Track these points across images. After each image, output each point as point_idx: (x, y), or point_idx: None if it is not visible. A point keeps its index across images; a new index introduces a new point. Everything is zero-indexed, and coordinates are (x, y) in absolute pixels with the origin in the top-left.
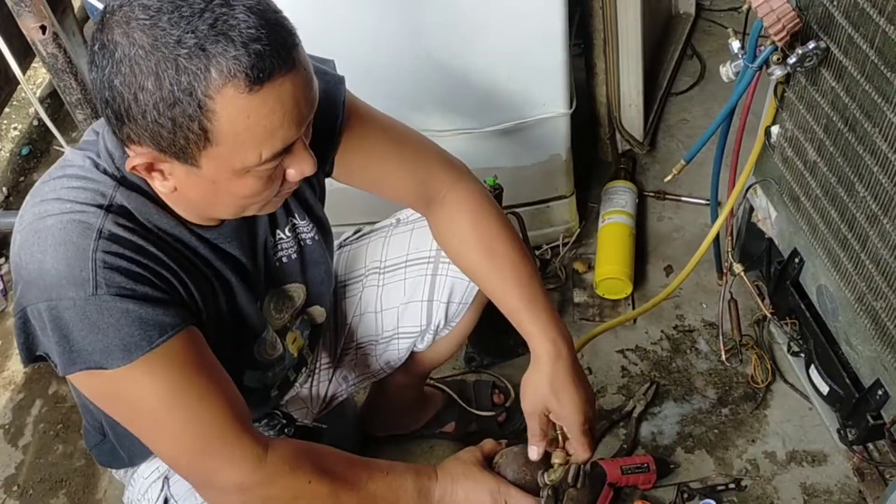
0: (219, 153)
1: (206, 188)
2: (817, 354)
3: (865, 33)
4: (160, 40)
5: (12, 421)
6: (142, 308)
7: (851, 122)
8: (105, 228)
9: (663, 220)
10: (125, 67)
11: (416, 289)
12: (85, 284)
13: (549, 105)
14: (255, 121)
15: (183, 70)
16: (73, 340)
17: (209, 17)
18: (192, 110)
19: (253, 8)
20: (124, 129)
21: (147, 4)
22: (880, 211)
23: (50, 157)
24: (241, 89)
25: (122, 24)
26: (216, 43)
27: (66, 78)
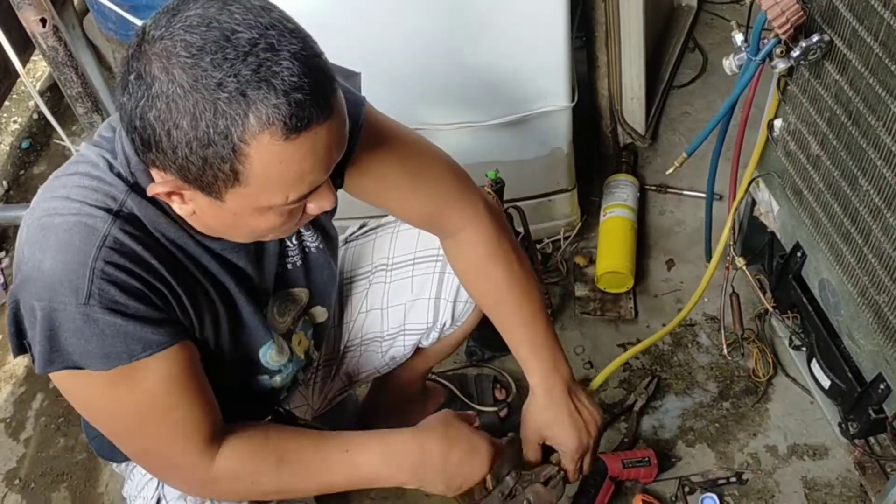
0: (246, 192)
1: (226, 218)
2: (819, 348)
3: (870, 26)
4: (200, 81)
5: (13, 414)
6: (129, 324)
7: (855, 116)
8: (111, 235)
9: (665, 213)
10: (161, 103)
11: (423, 286)
12: (79, 292)
13: (550, 98)
14: (287, 167)
15: (221, 114)
16: (57, 341)
17: (253, 62)
18: (226, 153)
19: (297, 54)
20: (150, 155)
21: (190, 42)
22: (884, 205)
23: (50, 150)
24: (278, 137)
25: (161, 58)
26: (258, 89)
27: (66, 71)
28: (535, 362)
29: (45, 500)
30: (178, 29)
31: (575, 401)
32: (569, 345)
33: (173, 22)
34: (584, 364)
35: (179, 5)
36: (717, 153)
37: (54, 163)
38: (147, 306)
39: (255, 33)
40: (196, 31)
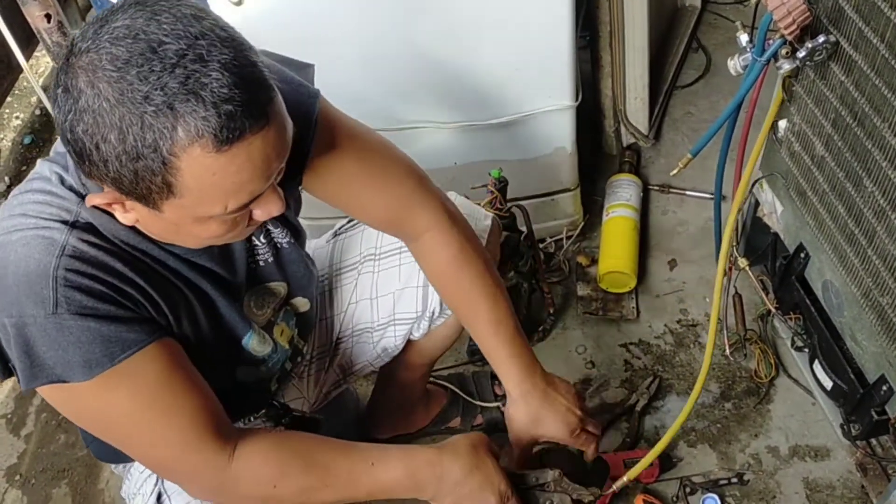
0: (181, 203)
1: (168, 227)
2: (821, 349)
3: (876, 27)
4: (126, 95)
5: (14, 410)
6: (103, 326)
7: (860, 117)
8: (69, 244)
9: (667, 213)
10: (88, 117)
11: (411, 275)
12: (45, 303)
13: (554, 98)
14: (221, 178)
15: (148, 127)
16: (35, 356)
17: (180, 74)
18: (156, 166)
19: (228, 64)
20: (84, 167)
21: (116, 55)
22: (888, 206)
23: (52, 145)
24: (209, 149)
25: (87, 72)
26: (185, 102)
27: None
28: (508, 368)
29: (46, 497)
30: (105, 41)
31: (552, 393)
32: (571, 344)
33: (100, 34)
34: (586, 364)
35: (108, 16)
36: (724, 154)
37: None
38: (117, 307)
39: (184, 44)
40: (122, 44)
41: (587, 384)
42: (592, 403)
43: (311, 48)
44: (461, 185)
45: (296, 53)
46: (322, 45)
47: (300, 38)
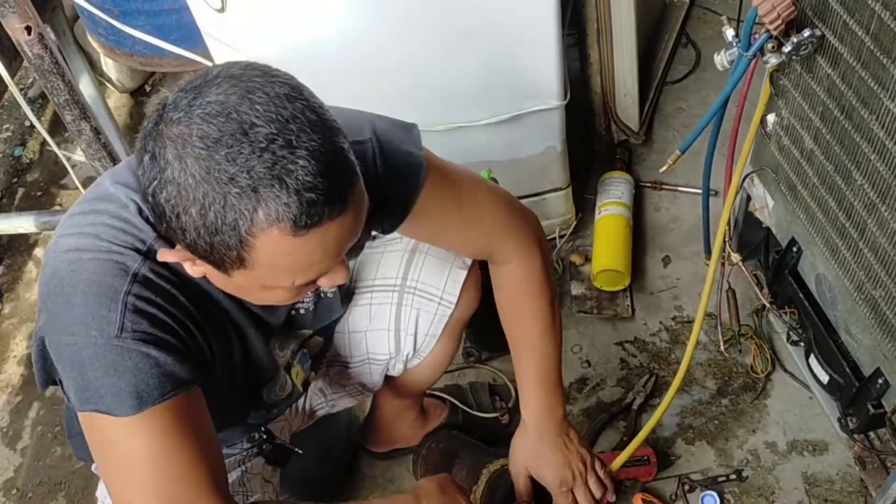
0: (251, 274)
1: (234, 288)
2: (817, 343)
3: (861, 19)
4: (213, 174)
5: (10, 424)
6: (161, 355)
7: (848, 110)
8: (140, 273)
9: (660, 210)
10: (172, 188)
11: (381, 316)
12: (110, 325)
13: (543, 97)
14: (294, 259)
15: (230, 207)
16: (88, 380)
17: (268, 159)
18: (233, 242)
19: (315, 151)
20: (161, 228)
21: (206, 133)
22: (878, 199)
23: (43, 158)
24: (286, 233)
25: (176, 145)
26: (270, 187)
27: (52, 79)
28: (535, 400)
29: None
30: (197, 117)
31: (565, 440)
32: (566, 344)
33: (193, 107)
34: (582, 363)
35: (202, 86)
36: (711, 149)
37: (47, 170)
38: (177, 340)
39: (274, 128)
40: (214, 122)
41: (583, 384)
42: (589, 403)
43: (295, 53)
44: None
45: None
46: (307, 49)
47: (284, 45)
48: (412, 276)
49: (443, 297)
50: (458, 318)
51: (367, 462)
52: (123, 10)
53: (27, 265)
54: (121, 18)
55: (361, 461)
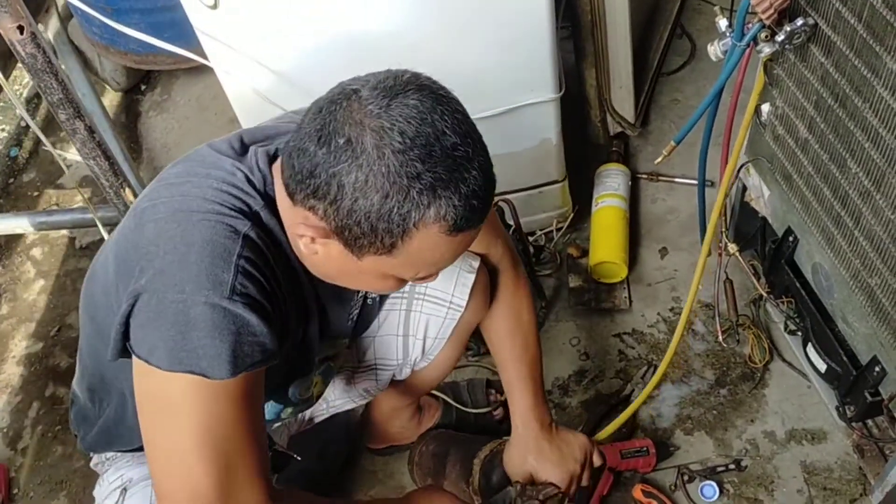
0: (387, 261)
1: (349, 270)
2: (814, 332)
3: (853, 7)
4: (405, 168)
5: (10, 424)
6: (260, 324)
7: (842, 98)
8: (250, 236)
9: (657, 201)
10: (361, 174)
11: (390, 323)
12: (223, 286)
13: (537, 90)
14: (435, 254)
15: (410, 200)
16: (190, 339)
17: (451, 165)
18: (397, 231)
19: (483, 166)
20: (311, 201)
21: (405, 131)
22: (873, 187)
23: (39, 158)
24: (445, 231)
25: (377, 135)
26: (447, 188)
27: (46, 78)
28: (528, 404)
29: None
30: (397, 115)
31: (557, 435)
32: (564, 336)
33: (392, 105)
34: (580, 355)
35: (398, 88)
36: (706, 140)
37: (43, 170)
38: (273, 309)
39: (459, 139)
40: (413, 123)
41: (582, 376)
42: (587, 395)
43: (287, 51)
44: None
45: (273, 56)
46: (299, 46)
47: (277, 41)
48: None
49: (452, 301)
50: (466, 322)
51: (366, 457)
52: (117, 9)
53: (24, 265)
54: (114, 17)
55: (360, 456)
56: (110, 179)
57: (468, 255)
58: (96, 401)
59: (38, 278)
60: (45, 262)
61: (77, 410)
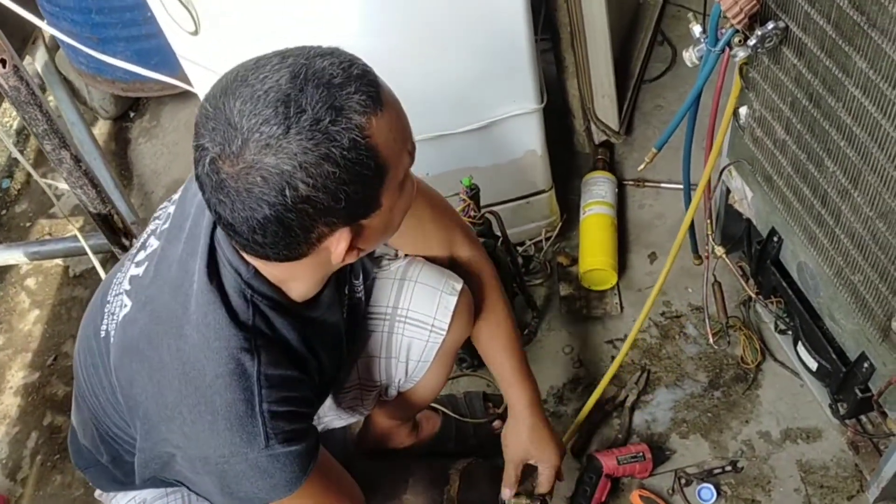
0: (390, 178)
1: (385, 221)
2: (803, 331)
3: (821, 9)
4: (304, 132)
5: (9, 455)
6: (302, 444)
7: (816, 99)
8: (262, 374)
9: (644, 207)
10: (301, 174)
11: (373, 345)
12: (257, 439)
13: (519, 102)
14: (395, 130)
15: (338, 134)
16: (242, 486)
17: (310, 86)
18: (365, 158)
19: (317, 52)
20: (314, 232)
21: (267, 120)
22: (850, 185)
23: (30, 189)
24: (377, 113)
25: (264, 150)
26: (335, 97)
27: (30, 110)
28: (521, 391)
29: None
30: (246, 125)
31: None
32: (557, 345)
33: (237, 127)
34: (574, 363)
35: (217, 108)
36: (688, 145)
37: (35, 201)
38: (307, 418)
39: (286, 74)
40: (260, 115)
41: (576, 383)
42: (582, 402)
43: None
44: None
45: None
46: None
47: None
48: (403, 305)
49: (434, 324)
50: (450, 343)
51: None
52: (102, 38)
53: (19, 296)
54: (100, 46)
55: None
56: (98, 207)
57: (450, 276)
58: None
59: (32, 308)
60: (40, 292)
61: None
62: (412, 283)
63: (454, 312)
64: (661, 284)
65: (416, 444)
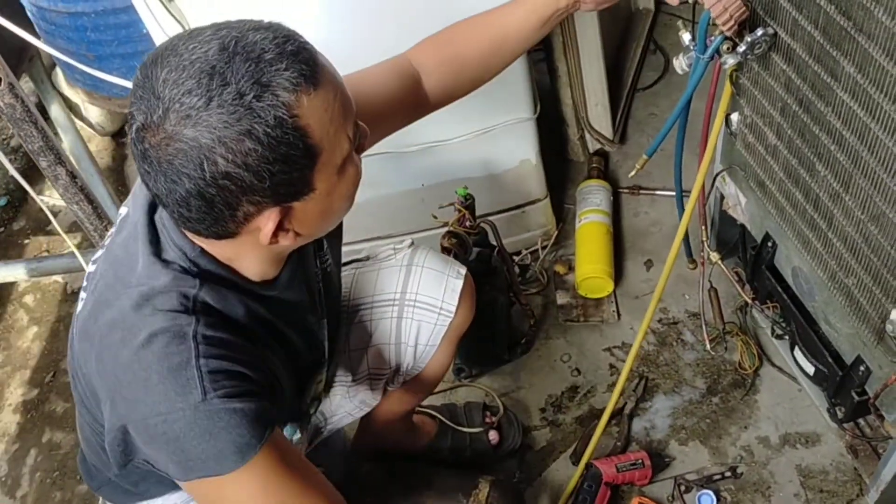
0: (324, 161)
1: (323, 206)
2: (800, 336)
3: (809, 15)
4: (226, 106)
5: (8, 472)
6: (247, 405)
7: (806, 104)
8: (199, 333)
9: (639, 215)
10: (220, 148)
11: (382, 331)
12: (193, 392)
13: (513, 112)
14: (331, 111)
15: (262, 111)
16: (188, 450)
17: (238, 59)
18: (293, 137)
19: (253, 26)
20: (240, 210)
21: (189, 89)
22: (841, 188)
23: (28, 206)
24: (310, 92)
25: (184, 121)
26: (262, 73)
27: (25, 127)
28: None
29: None
30: (168, 97)
31: None
32: (555, 353)
33: (159, 98)
34: (572, 371)
35: (146, 76)
36: (679, 152)
37: (33, 218)
38: (253, 384)
39: (216, 45)
40: (185, 84)
41: (574, 391)
42: (581, 411)
43: None
44: (431, 205)
45: None
46: None
47: None
48: (411, 290)
49: (442, 307)
50: (456, 326)
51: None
52: (98, 55)
53: (17, 313)
54: (96, 63)
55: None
56: (94, 223)
57: (454, 262)
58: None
59: (31, 325)
60: (38, 309)
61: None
62: (419, 269)
63: (461, 295)
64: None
65: (412, 447)
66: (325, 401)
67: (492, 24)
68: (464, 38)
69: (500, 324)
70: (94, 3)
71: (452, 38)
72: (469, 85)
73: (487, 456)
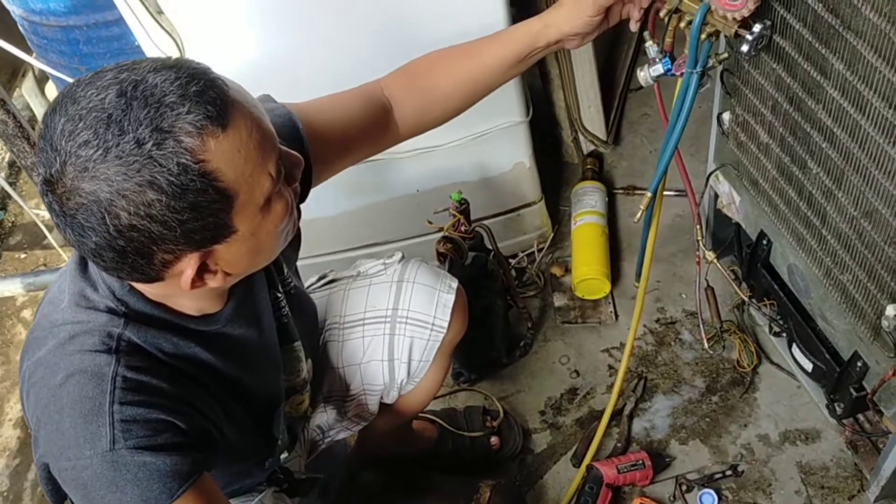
0: (242, 202)
1: (251, 245)
2: (797, 333)
3: (797, 13)
4: (124, 157)
5: (10, 487)
6: (160, 459)
7: (796, 102)
8: (118, 375)
9: (635, 215)
10: (121, 201)
11: (374, 348)
12: (101, 440)
13: (506, 115)
14: (245, 150)
15: (164, 159)
16: (94, 500)
17: (136, 104)
18: (200, 184)
19: (154, 66)
20: (156, 258)
21: (86, 141)
22: (834, 185)
23: (24, 219)
24: (217, 135)
25: (81, 174)
26: (163, 118)
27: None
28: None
29: None
30: (67, 148)
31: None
32: (553, 356)
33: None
34: (571, 373)
35: (47, 126)
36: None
37: (29, 232)
38: (173, 434)
39: (114, 91)
40: (79, 137)
41: (574, 393)
42: (581, 412)
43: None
44: (426, 211)
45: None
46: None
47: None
48: (402, 306)
49: (434, 323)
50: (449, 341)
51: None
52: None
53: (16, 328)
54: None
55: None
56: None
57: (445, 275)
58: None
59: None
60: None
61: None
62: (410, 284)
63: (452, 310)
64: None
65: (413, 453)
66: (320, 415)
67: (468, 58)
68: (438, 71)
69: (497, 327)
70: (86, 16)
71: (426, 69)
72: (441, 117)
73: (488, 460)
